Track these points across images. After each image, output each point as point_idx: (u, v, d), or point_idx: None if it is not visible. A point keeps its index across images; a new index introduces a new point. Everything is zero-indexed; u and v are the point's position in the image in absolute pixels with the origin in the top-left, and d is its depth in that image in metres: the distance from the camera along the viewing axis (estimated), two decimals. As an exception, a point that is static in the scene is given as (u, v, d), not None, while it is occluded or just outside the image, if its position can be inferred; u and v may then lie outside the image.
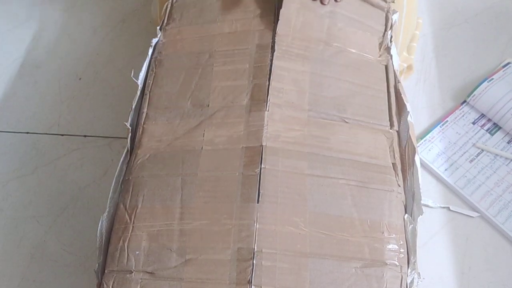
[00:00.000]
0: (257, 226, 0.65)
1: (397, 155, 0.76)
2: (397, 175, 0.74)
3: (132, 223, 0.69)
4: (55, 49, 1.17)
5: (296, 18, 0.82)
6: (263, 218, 0.66)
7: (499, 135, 0.96)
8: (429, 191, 0.92)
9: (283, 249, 0.65)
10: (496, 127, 0.97)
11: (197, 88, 0.80)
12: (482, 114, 0.98)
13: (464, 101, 1.00)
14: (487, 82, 1.00)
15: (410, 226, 0.70)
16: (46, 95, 1.11)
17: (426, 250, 0.86)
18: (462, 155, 0.95)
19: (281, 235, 0.66)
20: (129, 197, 0.71)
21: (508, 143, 0.95)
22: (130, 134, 0.78)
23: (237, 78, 0.79)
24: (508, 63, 1.03)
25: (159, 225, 0.68)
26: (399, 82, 0.83)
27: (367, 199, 0.70)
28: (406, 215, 0.71)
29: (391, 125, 0.78)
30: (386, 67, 0.84)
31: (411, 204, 0.74)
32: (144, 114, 0.79)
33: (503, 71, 1.02)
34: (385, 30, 0.86)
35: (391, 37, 0.86)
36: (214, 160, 0.71)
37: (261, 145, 0.71)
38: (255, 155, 0.70)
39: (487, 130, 0.97)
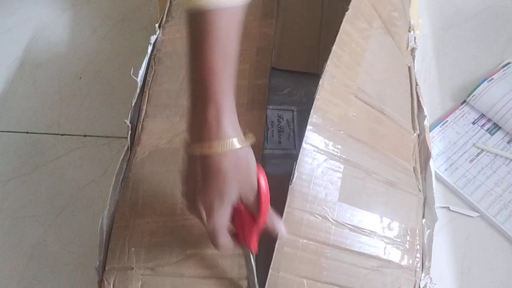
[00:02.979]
0: None
1: (418, 159, 0.75)
2: (418, 179, 0.73)
3: (132, 219, 0.69)
4: (55, 48, 1.17)
5: None
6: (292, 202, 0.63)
7: (499, 135, 0.96)
8: (429, 191, 0.92)
9: (306, 237, 0.63)
10: (496, 127, 0.97)
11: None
12: (482, 114, 0.98)
13: (464, 101, 1.00)
14: (487, 82, 1.00)
15: (428, 231, 0.69)
16: (46, 95, 1.10)
17: (426, 250, 0.86)
18: (462, 155, 0.95)
19: (307, 222, 0.63)
20: (129, 194, 0.71)
21: (508, 143, 0.95)
22: (130, 132, 0.78)
23: (238, 78, 0.79)
24: (508, 63, 1.03)
25: (160, 221, 0.68)
26: (417, 85, 0.82)
27: (394, 199, 0.69)
28: (424, 220, 0.70)
29: (414, 128, 0.77)
30: (409, 69, 0.83)
31: (423, 208, 0.74)
32: (144, 112, 0.79)
33: (503, 71, 1.01)
34: (408, 30, 0.86)
35: (415, 38, 0.85)
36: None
37: (261, 143, 0.71)
38: (255, 152, 0.69)
39: (487, 130, 0.97)
